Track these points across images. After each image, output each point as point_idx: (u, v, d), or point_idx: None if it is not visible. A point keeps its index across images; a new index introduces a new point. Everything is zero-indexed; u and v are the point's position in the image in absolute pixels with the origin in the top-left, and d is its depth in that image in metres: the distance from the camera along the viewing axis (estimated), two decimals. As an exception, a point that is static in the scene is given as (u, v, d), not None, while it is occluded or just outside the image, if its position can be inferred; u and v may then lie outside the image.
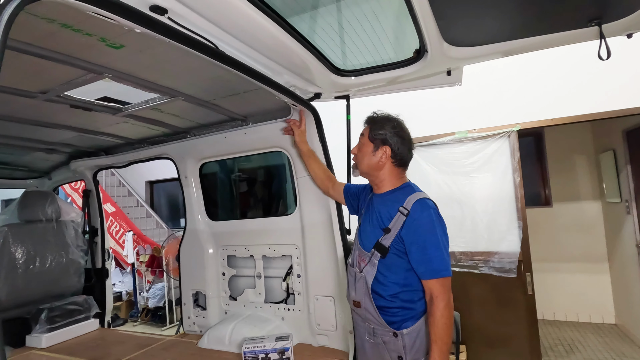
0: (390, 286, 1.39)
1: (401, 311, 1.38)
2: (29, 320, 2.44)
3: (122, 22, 0.97)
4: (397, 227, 1.37)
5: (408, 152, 1.49)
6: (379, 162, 1.48)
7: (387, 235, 1.39)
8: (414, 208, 1.35)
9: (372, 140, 1.50)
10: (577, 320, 4.64)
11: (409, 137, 1.50)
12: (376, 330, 1.44)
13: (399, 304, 1.38)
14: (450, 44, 1.58)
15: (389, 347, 1.40)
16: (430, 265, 1.32)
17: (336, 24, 1.62)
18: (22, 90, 1.54)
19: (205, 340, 2.17)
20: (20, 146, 2.43)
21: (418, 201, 1.36)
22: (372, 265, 1.42)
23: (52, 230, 2.70)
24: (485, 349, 3.23)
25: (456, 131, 3.39)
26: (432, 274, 1.31)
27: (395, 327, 1.38)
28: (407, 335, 1.37)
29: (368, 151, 1.50)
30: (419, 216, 1.34)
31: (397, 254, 1.38)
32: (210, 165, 2.57)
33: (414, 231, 1.34)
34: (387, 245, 1.38)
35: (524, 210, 3.14)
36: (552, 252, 4.71)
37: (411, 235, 1.34)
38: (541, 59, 3.33)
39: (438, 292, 1.30)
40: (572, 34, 1.50)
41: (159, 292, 5.52)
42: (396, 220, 1.37)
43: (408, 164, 1.53)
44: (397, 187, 1.48)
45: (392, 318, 1.39)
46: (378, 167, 1.49)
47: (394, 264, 1.38)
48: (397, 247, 1.37)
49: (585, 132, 4.71)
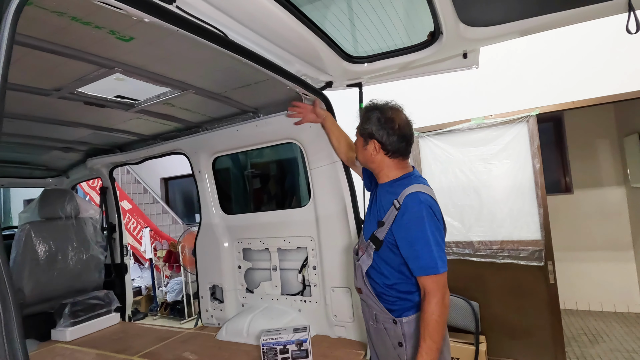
0: (385, 277, 1.41)
1: (399, 301, 1.40)
2: (53, 314, 2.51)
3: (131, 12, 0.96)
4: (389, 221, 1.36)
5: (399, 142, 1.40)
6: (371, 156, 1.45)
7: (381, 229, 1.39)
8: (405, 203, 1.32)
9: (361, 134, 1.48)
10: (600, 310, 4.51)
11: (401, 125, 1.40)
12: (378, 316, 1.46)
13: (395, 294, 1.40)
14: (467, 25, 1.52)
15: (390, 333, 1.42)
16: (418, 262, 1.30)
17: (347, 9, 1.58)
18: (37, 88, 1.56)
19: (223, 332, 2.19)
20: (39, 145, 2.48)
21: (410, 195, 1.32)
22: (368, 255, 1.44)
23: (72, 227, 2.76)
24: (506, 340, 3.17)
25: (472, 117, 3.29)
26: (421, 270, 1.30)
27: (395, 314, 1.40)
28: (406, 323, 1.38)
29: (360, 145, 1.49)
30: (408, 211, 1.31)
31: (390, 247, 1.38)
32: (223, 160, 2.58)
33: (402, 226, 1.32)
34: (380, 238, 1.39)
35: (545, 198, 3.04)
36: (575, 240, 4.58)
37: (401, 230, 1.33)
38: (561, 38, 3.20)
39: (430, 289, 1.28)
40: (597, 8, 1.41)
41: (176, 286, 5.62)
42: (389, 214, 1.37)
43: (406, 153, 1.45)
44: (397, 178, 1.44)
45: (391, 306, 1.41)
46: (371, 160, 1.46)
47: (388, 257, 1.39)
48: (390, 240, 1.37)
49: (608, 114, 4.52)
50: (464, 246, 3.28)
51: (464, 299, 2.90)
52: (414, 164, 3.55)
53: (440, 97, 3.58)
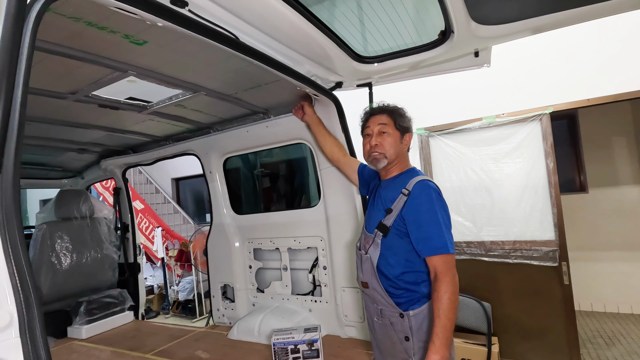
0: (393, 266, 1.42)
1: (405, 293, 1.41)
2: (69, 312, 2.57)
3: (144, 16, 0.97)
4: (398, 207, 1.42)
5: None
6: (404, 149, 1.58)
7: (389, 216, 1.44)
8: (415, 188, 1.40)
9: (401, 129, 1.56)
10: (617, 312, 4.41)
11: None
12: (384, 311, 1.46)
13: (402, 285, 1.41)
14: (478, 23, 1.50)
15: (396, 327, 1.42)
16: (429, 243, 1.34)
17: (357, 9, 1.58)
18: (54, 92, 1.60)
19: (235, 331, 2.21)
20: (55, 147, 2.54)
21: (419, 182, 1.41)
22: (376, 245, 1.46)
23: (87, 227, 2.82)
24: (519, 341, 3.12)
25: (483, 116, 3.25)
26: (432, 250, 1.33)
27: (402, 308, 1.41)
28: (413, 316, 1.39)
29: (395, 140, 1.55)
30: (419, 195, 1.39)
31: (397, 234, 1.42)
32: (233, 160, 2.60)
33: (414, 210, 1.38)
34: (388, 225, 1.43)
35: (559, 197, 2.99)
36: (590, 240, 4.48)
37: (411, 214, 1.38)
38: (574, 35, 3.13)
39: (441, 269, 1.31)
40: (612, 4, 1.38)
41: (188, 285, 5.69)
42: (398, 201, 1.43)
43: None
44: (402, 172, 1.54)
45: (398, 299, 1.42)
46: (403, 153, 1.58)
47: (395, 245, 1.42)
48: (398, 227, 1.41)
49: (624, 112, 4.42)
50: (475, 246, 3.24)
51: (475, 299, 2.87)
52: (425, 163, 3.52)
53: (451, 96, 3.54)
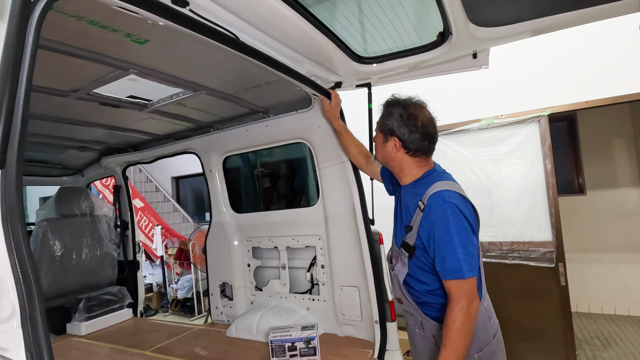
0: (424, 283, 1.32)
1: (444, 308, 1.26)
2: (69, 309, 2.58)
3: (146, 15, 0.99)
4: (416, 224, 1.29)
5: (422, 140, 1.33)
6: (391, 154, 1.38)
7: (410, 234, 1.32)
8: (429, 203, 1.25)
9: (381, 130, 1.42)
10: (614, 313, 4.42)
11: (424, 123, 1.33)
12: (424, 323, 1.37)
13: (439, 300, 1.30)
14: (477, 25, 1.51)
15: (438, 340, 1.31)
16: (442, 265, 1.21)
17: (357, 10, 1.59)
18: (56, 90, 1.61)
19: (233, 329, 2.22)
20: (56, 144, 2.56)
21: (434, 195, 1.25)
22: (403, 264, 1.36)
23: (87, 225, 2.83)
24: (517, 342, 3.14)
25: (482, 117, 3.26)
26: (445, 274, 1.21)
27: (442, 322, 1.25)
28: None
29: (379, 142, 1.43)
30: (432, 212, 1.24)
31: (423, 252, 1.30)
32: (233, 159, 2.61)
33: (428, 228, 1.25)
34: (411, 244, 1.32)
35: (556, 199, 3.00)
36: (588, 242, 4.49)
37: (426, 232, 1.26)
38: (573, 37, 3.14)
39: (454, 294, 1.18)
40: (609, 7, 1.39)
41: (187, 283, 5.70)
42: (416, 217, 1.30)
43: (429, 151, 1.38)
44: (419, 178, 1.37)
45: (438, 314, 1.31)
46: (391, 158, 1.40)
47: (422, 263, 1.31)
48: (420, 245, 1.30)
49: (623, 114, 4.43)
50: (473, 247, 3.25)
51: (473, 299, 2.88)
52: (424, 164, 3.53)
53: (450, 97, 3.56)
